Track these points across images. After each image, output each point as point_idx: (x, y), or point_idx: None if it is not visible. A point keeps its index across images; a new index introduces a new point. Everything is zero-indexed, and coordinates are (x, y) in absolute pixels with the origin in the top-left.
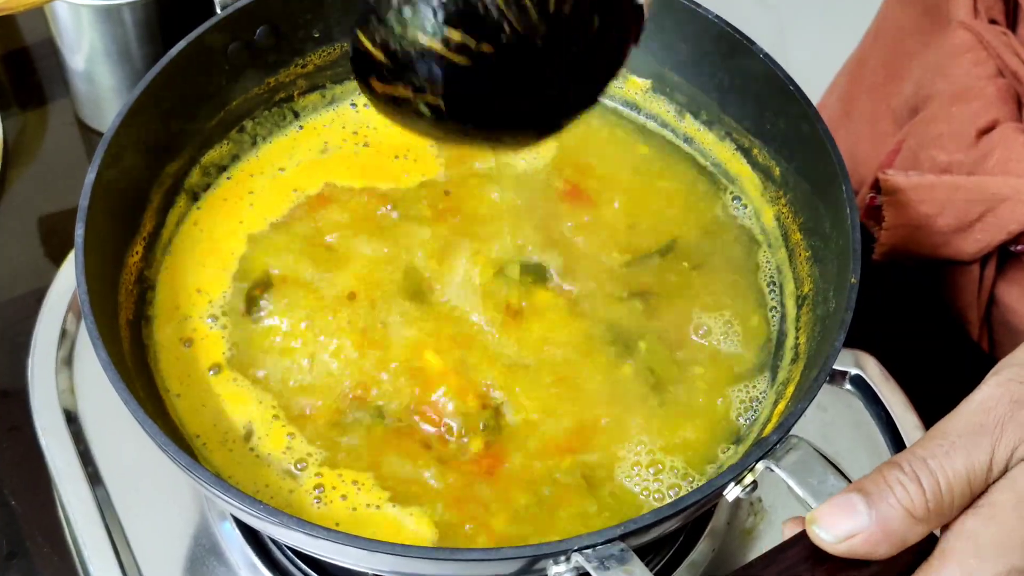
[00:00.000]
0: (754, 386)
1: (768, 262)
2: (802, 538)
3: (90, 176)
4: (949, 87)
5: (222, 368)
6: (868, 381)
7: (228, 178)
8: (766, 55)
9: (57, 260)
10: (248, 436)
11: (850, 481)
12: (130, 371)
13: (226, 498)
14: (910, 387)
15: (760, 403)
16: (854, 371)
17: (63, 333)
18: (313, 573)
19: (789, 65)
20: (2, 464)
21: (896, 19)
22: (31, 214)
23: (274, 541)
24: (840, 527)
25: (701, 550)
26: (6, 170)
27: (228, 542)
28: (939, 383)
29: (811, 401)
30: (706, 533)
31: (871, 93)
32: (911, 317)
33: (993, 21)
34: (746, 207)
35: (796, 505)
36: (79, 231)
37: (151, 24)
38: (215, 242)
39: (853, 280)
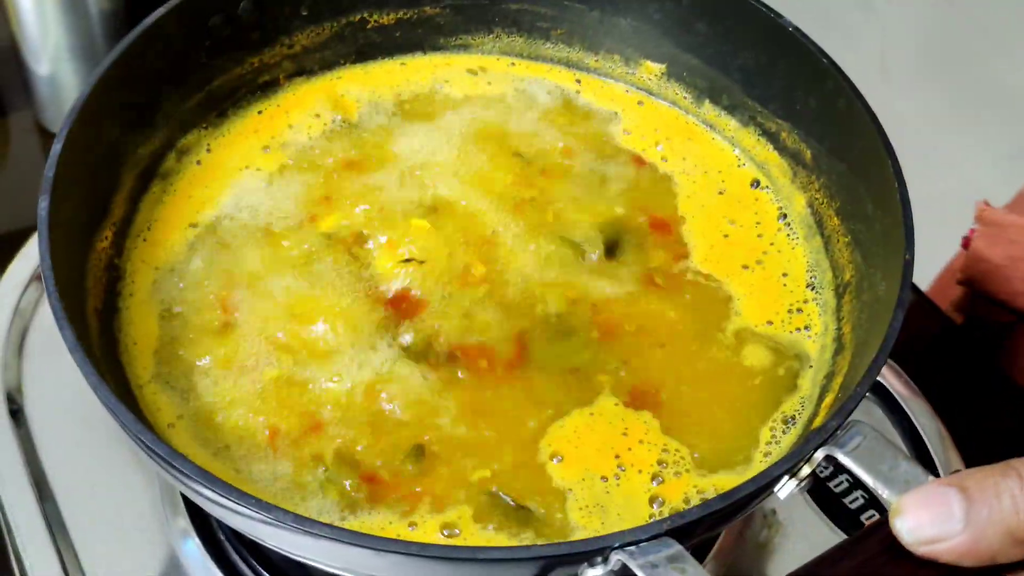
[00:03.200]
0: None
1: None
2: (882, 526)
3: (56, 146)
4: None
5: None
6: (889, 388)
7: (198, 163)
8: (796, 28)
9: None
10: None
11: (924, 467)
12: (98, 359)
13: (213, 489)
14: (931, 395)
15: (802, 406)
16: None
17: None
18: None
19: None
20: None
21: None
22: None
23: (242, 556)
24: (926, 530)
25: (710, 569)
26: None
27: (191, 561)
28: (964, 393)
29: (871, 383)
30: (711, 555)
31: None
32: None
33: None
34: (773, 195)
35: (814, 517)
36: (43, 204)
37: (118, 16)
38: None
39: (907, 257)
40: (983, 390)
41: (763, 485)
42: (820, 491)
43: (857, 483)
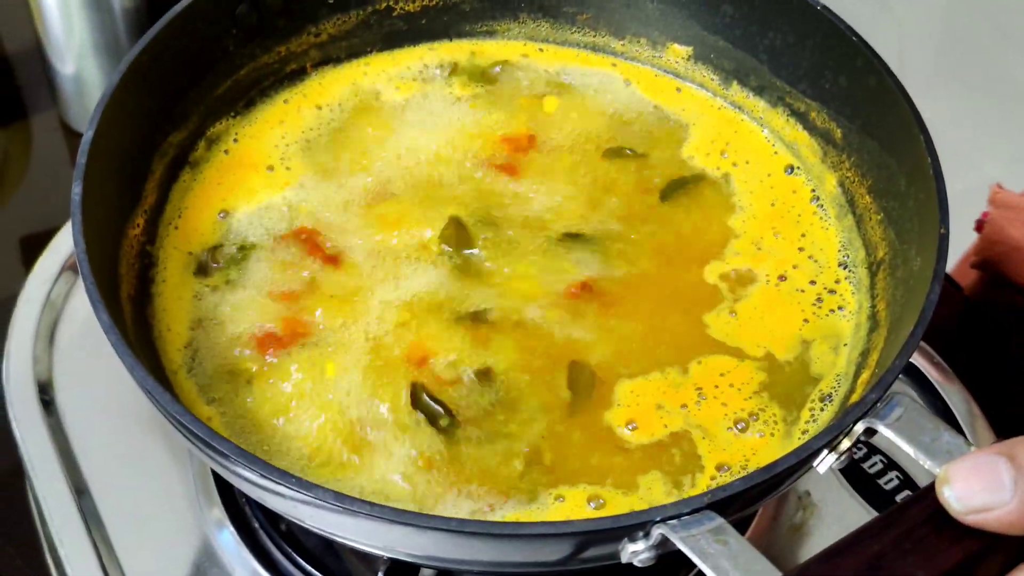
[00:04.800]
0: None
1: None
2: (928, 494)
3: (88, 134)
4: None
5: None
6: (920, 368)
7: (226, 152)
8: (824, 7)
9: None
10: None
11: (966, 438)
12: (132, 343)
13: (254, 470)
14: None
15: (838, 383)
16: None
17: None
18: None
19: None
20: None
21: None
22: (14, 234)
23: (277, 545)
24: (976, 498)
25: None
26: None
27: (226, 551)
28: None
29: (910, 354)
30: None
31: None
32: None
33: None
34: (804, 176)
35: (848, 499)
36: (76, 190)
37: (141, 12)
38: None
39: (943, 230)
40: (1006, 373)
41: (804, 457)
42: (854, 472)
43: (892, 464)
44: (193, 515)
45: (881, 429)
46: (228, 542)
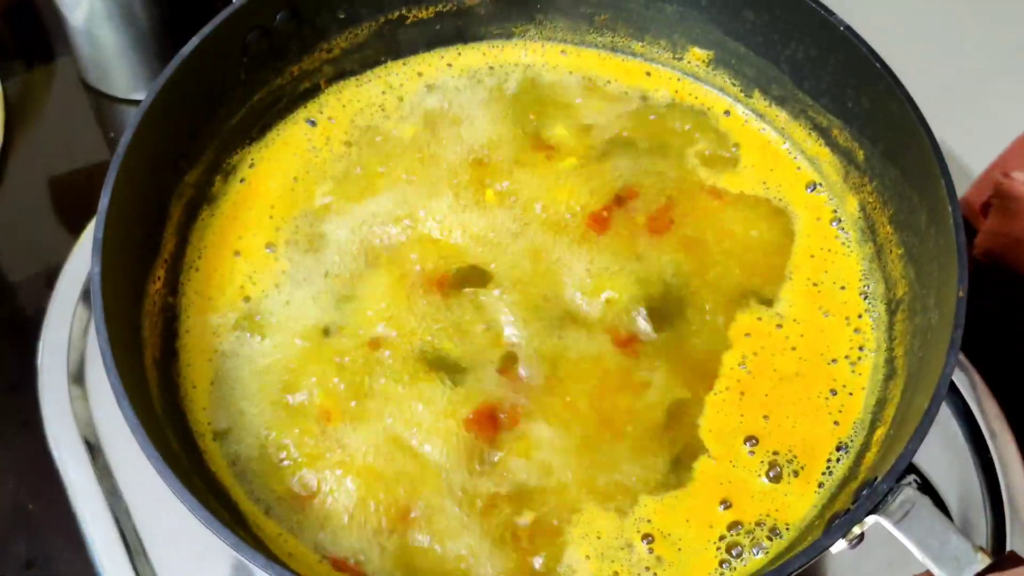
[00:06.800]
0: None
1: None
2: None
3: (103, 202)
4: None
5: None
6: (960, 390)
7: (242, 180)
8: (847, 27)
9: (70, 226)
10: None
11: (972, 544)
12: (171, 450)
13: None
14: (1006, 400)
15: (852, 439)
16: None
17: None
18: None
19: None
20: (17, 464)
21: None
22: (40, 176)
23: None
24: None
25: None
26: (11, 130)
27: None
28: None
29: (921, 442)
30: None
31: None
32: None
33: None
34: (827, 194)
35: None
36: (95, 268)
37: None
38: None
39: (960, 294)
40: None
41: (817, 552)
42: None
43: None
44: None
45: (892, 529)
46: None
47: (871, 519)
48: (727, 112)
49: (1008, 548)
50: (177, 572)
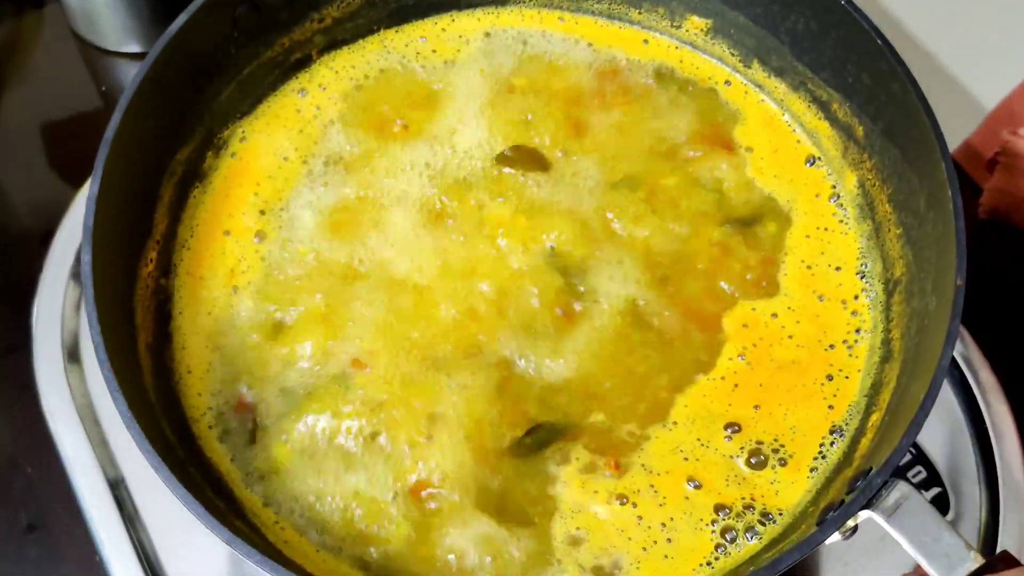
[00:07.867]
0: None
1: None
2: None
3: (92, 189)
4: None
5: None
6: (958, 361)
7: (233, 155)
8: (848, 1)
9: (64, 175)
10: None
11: (964, 541)
12: (167, 442)
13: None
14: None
15: (847, 423)
16: None
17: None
18: None
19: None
20: (15, 430)
21: None
22: (32, 123)
23: None
24: None
25: None
26: (1, 77)
27: None
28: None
29: (916, 435)
30: None
31: None
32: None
33: None
34: (826, 169)
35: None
36: (86, 258)
37: None
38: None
39: (959, 282)
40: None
41: (811, 548)
42: None
43: (920, 457)
44: None
45: (885, 525)
46: None
47: (864, 514)
48: (728, 82)
49: (1002, 518)
50: (175, 545)
